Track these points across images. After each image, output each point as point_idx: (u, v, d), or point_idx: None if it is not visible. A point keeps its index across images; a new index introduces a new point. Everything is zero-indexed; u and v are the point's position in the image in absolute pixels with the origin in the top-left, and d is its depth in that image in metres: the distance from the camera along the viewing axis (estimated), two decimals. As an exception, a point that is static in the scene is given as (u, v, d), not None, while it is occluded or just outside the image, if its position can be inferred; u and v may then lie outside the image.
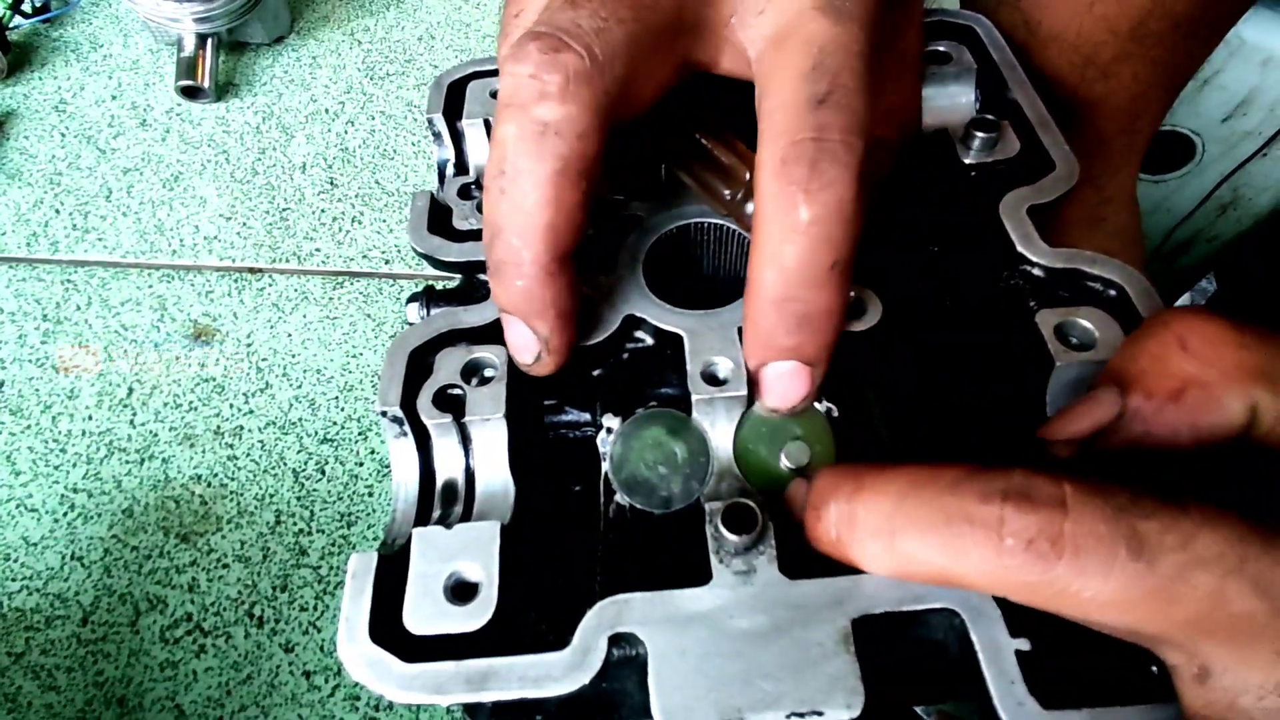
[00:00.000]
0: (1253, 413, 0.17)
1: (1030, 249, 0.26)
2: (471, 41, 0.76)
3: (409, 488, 0.24)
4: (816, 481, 0.19)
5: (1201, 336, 0.18)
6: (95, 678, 0.43)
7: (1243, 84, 0.52)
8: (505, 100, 0.20)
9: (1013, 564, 0.15)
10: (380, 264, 0.60)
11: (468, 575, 0.21)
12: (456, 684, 0.19)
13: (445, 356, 0.25)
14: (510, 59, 0.20)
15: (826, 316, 0.19)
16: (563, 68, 0.19)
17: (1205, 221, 0.62)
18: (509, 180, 0.20)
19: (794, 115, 0.19)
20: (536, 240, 0.20)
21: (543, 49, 0.19)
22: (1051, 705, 0.17)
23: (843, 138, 0.18)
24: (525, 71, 0.19)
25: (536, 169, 0.19)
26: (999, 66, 0.31)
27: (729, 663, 0.19)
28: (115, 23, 0.76)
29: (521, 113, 0.19)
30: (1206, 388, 0.17)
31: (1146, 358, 0.18)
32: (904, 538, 0.17)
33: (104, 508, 0.48)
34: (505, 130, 0.20)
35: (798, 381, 0.20)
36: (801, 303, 0.19)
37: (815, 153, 0.18)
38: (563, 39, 0.19)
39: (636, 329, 0.25)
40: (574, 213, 0.20)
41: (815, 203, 0.18)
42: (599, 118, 0.19)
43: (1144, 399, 0.18)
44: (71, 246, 0.61)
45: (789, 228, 0.18)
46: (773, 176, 0.19)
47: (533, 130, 0.19)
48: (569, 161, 0.19)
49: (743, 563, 0.20)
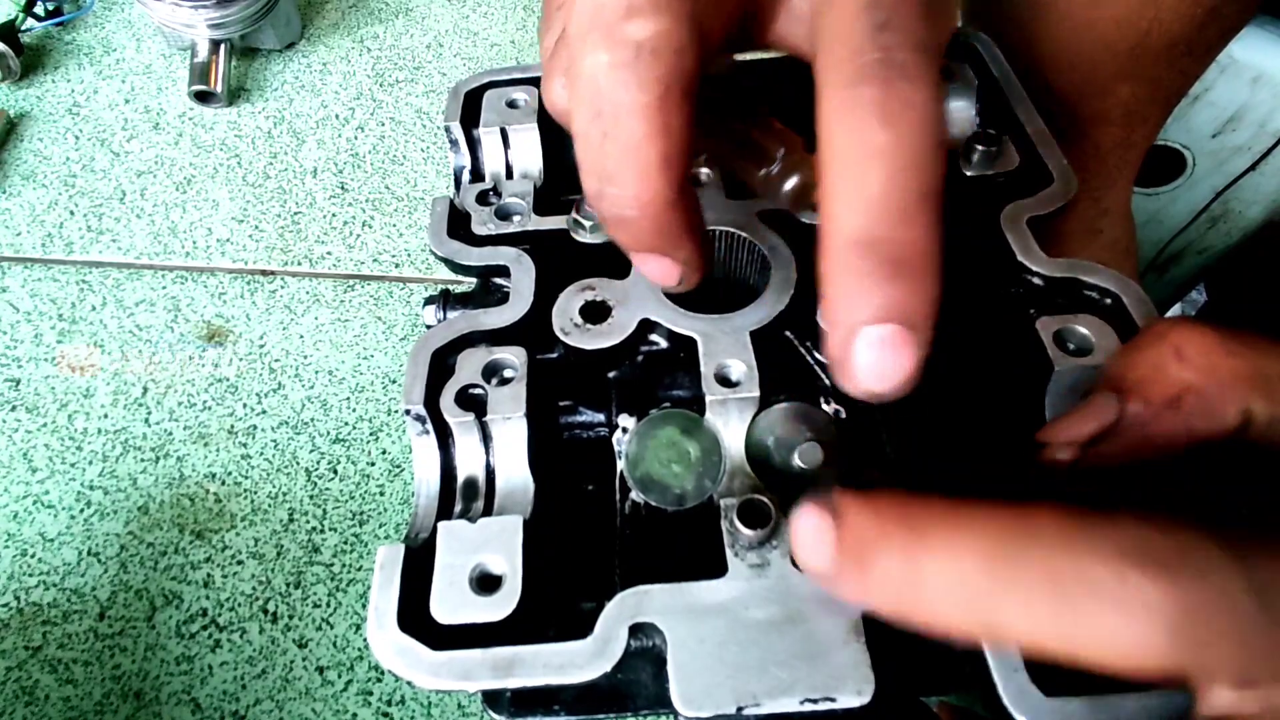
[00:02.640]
0: (1246, 417, 0.18)
1: (1030, 259, 0.27)
2: (479, 50, 0.77)
3: (431, 484, 0.25)
4: (849, 520, 0.16)
5: (1196, 346, 0.18)
6: (112, 671, 0.44)
7: (1232, 101, 0.53)
8: (585, 23, 0.17)
9: (1148, 640, 0.13)
10: (391, 267, 0.61)
11: (492, 567, 0.22)
12: (483, 671, 0.20)
13: (466, 357, 0.26)
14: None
15: (926, 259, 0.16)
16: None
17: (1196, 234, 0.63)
18: (609, 120, 0.17)
19: (857, 39, 0.16)
20: (655, 178, 0.17)
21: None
22: (1054, 693, 0.18)
23: (913, 55, 0.16)
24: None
25: (639, 99, 0.17)
26: (1000, 83, 0.33)
27: (745, 651, 0.19)
28: (128, 27, 0.77)
29: (608, 36, 0.17)
30: (1202, 394, 0.18)
31: (1145, 366, 0.19)
32: (1008, 614, 0.14)
33: (120, 505, 0.49)
34: (593, 61, 0.17)
35: (901, 351, 0.16)
36: (894, 243, 0.15)
37: (886, 70, 0.16)
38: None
39: (651, 332, 0.26)
40: (686, 134, 0.18)
41: (896, 122, 0.15)
42: (695, 29, 0.17)
43: (1142, 405, 0.19)
44: (86, 248, 0.62)
45: (868, 153, 0.15)
46: (841, 103, 0.16)
47: (626, 55, 0.16)
48: (672, 82, 0.17)
49: (757, 556, 0.21)
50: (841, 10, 0.17)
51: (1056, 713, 0.18)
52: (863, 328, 0.16)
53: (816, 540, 0.17)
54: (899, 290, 0.16)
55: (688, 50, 0.17)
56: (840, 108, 0.16)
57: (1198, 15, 0.35)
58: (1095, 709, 0.18)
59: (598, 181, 0.18)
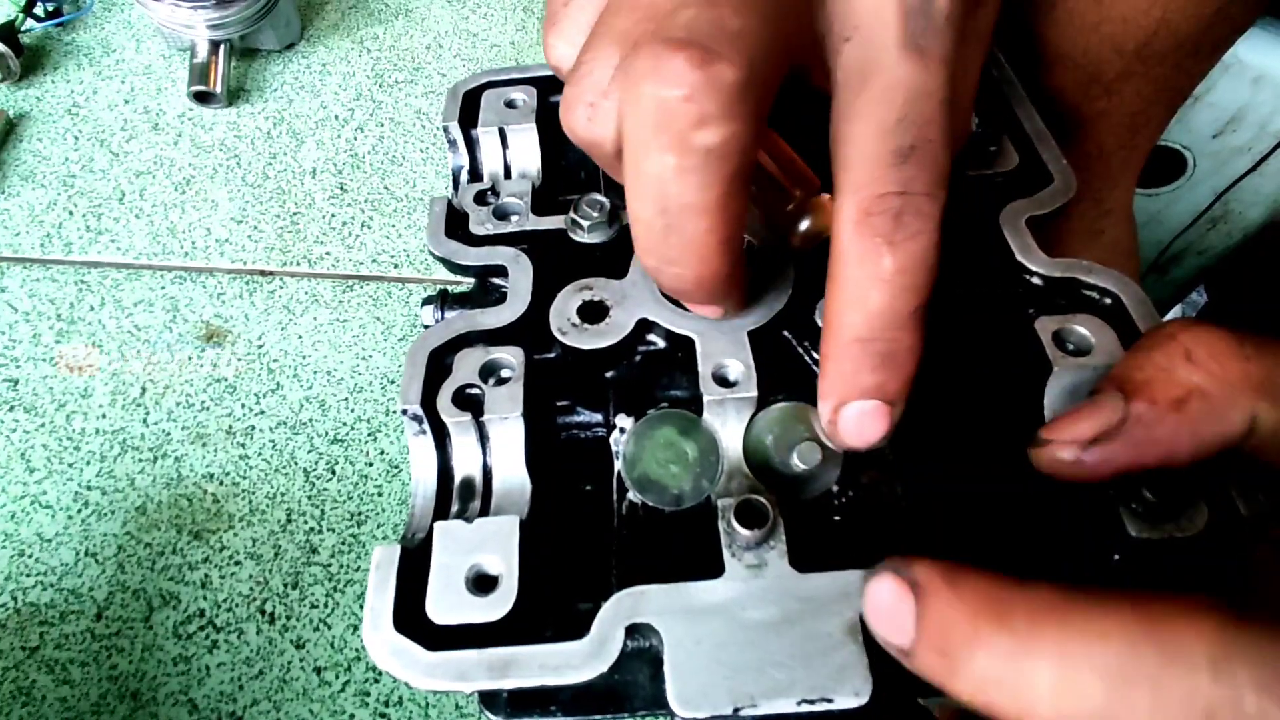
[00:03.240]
0: (1252, 424, 0.17)
1: (1029, 258, 0.27)
2: (479, 50, 0.77)
3: (427, 484, 0.25)
4: (932, 606, 0.15)
5: (1207, 348, 0.18)
6: (109, 672, 0.43)
7: (1233, 101, 0.53)
8: (653, 128, 0.17)
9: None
10: (389, 268, 0.61)
11: (488, 568, 0.22)
12: (479, 671, 0.20)
13: (464, 357, 0.26)
14: (651, 76, 0.17)
15: (909, 354, 0.19)
16: (722, 84, 0.17)
17: (1196, 235, 0.63)
18: (674, 215, 0.18)
19: (878, 169, 0.18)
20: (715, 261, 0.19)
21: (694, 61, 0.16)
22: None
23: (927, 190, 0.18)
24: (676, 94, 0.16)
25: (704, 198, 0.18)
26: (999, 83, 0.33)
27: (742, 652, 0.19)
28: (128, 28, 0.77)
29: (677, 144, 0.17)
30: (1209, 398, 0.18)
31: (1152, 367, 0.19)
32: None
33: (118, 505, 0.49)
34: (659, 163, 0.17)
35: (878, 420, 0.20)
36: (885, 343, 0.19)
37: (900, 206, 0.18)
38: (713, 48, 0.17)
39: (649, 332, 0.26)
40: (743, 217, 0.19)
41: (901, 253, 0.18)
42: (758, 127, 0.18)
43: (1147, 406, 0.18)
44: (85, 248, 0.62)
45: (873, 276, 0.18)
46: (855, 227, 0.19)
47: (695, 161, 0.17)
48: (735, 179, 0.18)
49: (754, 557, 0.21)
50: (868, 121, 0.19)
51: None
52: (851, 402, 0.20)
53: (893, 616, 0.16)
54: (882, 377, 0.19)
55: (751, 147, 0.18)
56: (854, 229, 0.19)
57: (1205, 15, 0.34)
58: None
59: (658, 262, 0.20)
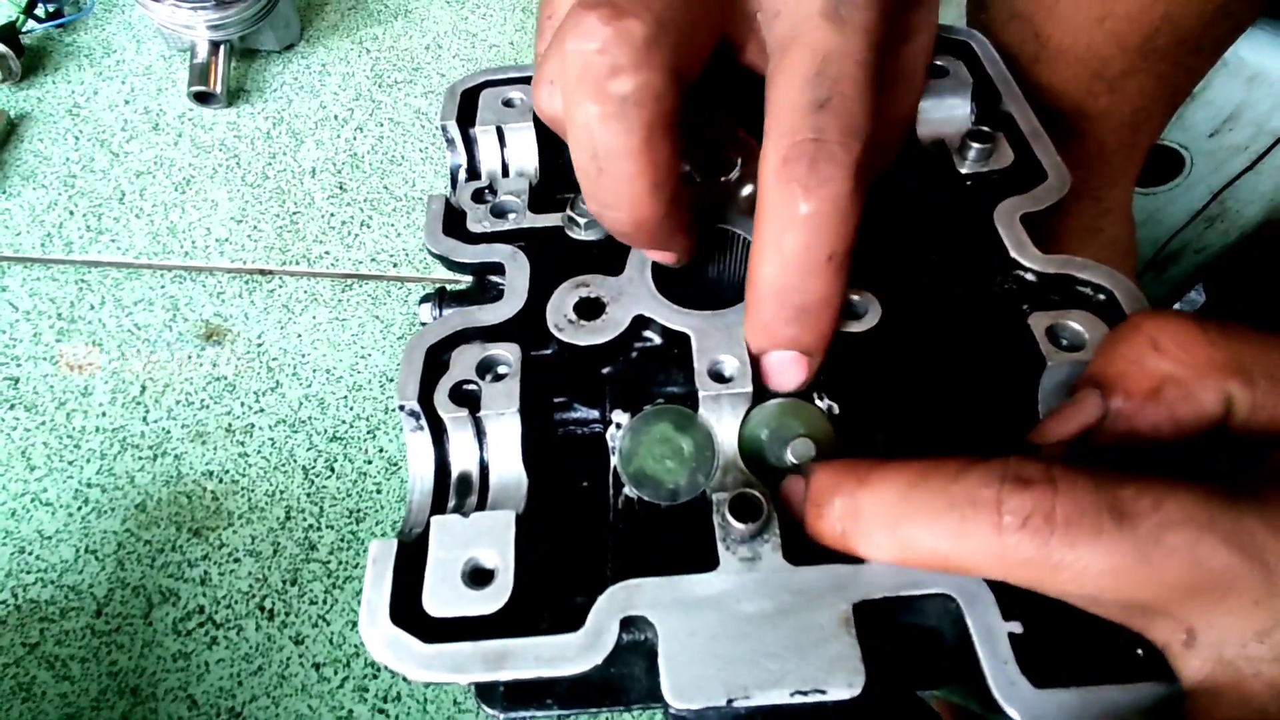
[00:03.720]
0: (1228, 404, 0.18)
1: (1023, 254, 0.27)
2: (478, 51, 0.77)
3: (425, 479, 0.25)
4: (815, 479, 0.20)
5: (1171, 337, 0.19)
6: (109, 668, 0.44)
7: (1230, 100, 0.53)
8: (576, 79, 0.19)
9: (1012, 542, 0.16)
10: (388, 267, 0.62)
11: (484, 561, 0.22)
12: (475, 663, 0.20)
13: (461, 353, 0.26)
14: (571, 34, 0.19)
15: (823, 306, 0.20)
16: (630, 36, 0.19)
17: (1194, 233, 0.63)
18: (603, 160, 0.20)
19: (796, 117, 0.20)
20: (646, 204, 0.21)
21: (604, 18, 0.19)
22: (1043, 685, 0.18)
23: (841, 139, 0.19)
24: (591, 47, 0.19)
25: (627, 143, 0.20)
26: (994, 81, 0.33)
27: (736, 644, 0.19)
28: (128, 29, 0.78)
29: (597, 90, 0.19)
30: (1182, 384, 0.18)
31: (1123, 360, 0.19)
32: (910, 526, 0.18)
33: (117, 502, 0.49)
34: (585, 112, 0.20)
35: (796, 369, 0.22)
36: (799, 292, 0.20)
37: (814, 152, 0.19)
38: (622, 5, 0.19)
39: (645, 328, 0.26)
40: (671, 162, 0.21)
41: (813, 198, 0.19)
42: (673, 76, 0.20)
43: (1125, 399, 0.19)
44: (85, 247, 0.62)
45: (788, 220, 0.19)
46: (774, 172, 0.20)
47: (613, 108, 0.19)
48: (655, 127, 0.20)
49: (748, 550, 0.21)
50: (790, 76, 0.20)
51: (1046, 704, 0.18)
52: (771, 350, 0.22)
53: (790, 493, 0.21)
54: (798, 330, 0.21)
55: (666, 95, 0.20)
56: (774, 175, 0.20)
57: (1208, 11, 0.35)
58: (1084, 699, 0.18)
59: (599, 206, 0.22)
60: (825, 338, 0.21)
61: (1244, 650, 0.16)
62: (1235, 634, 0.16)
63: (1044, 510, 0.16)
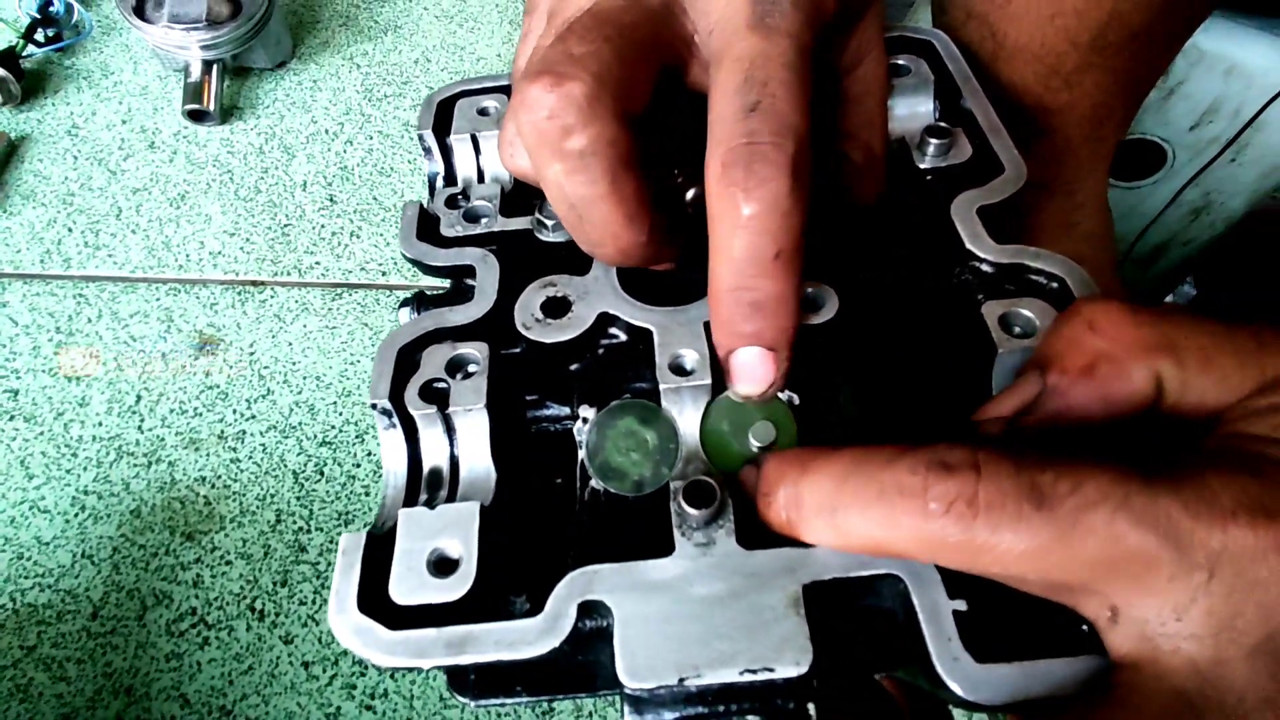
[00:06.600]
0: (1159, 384, 0.18)
1: (978, 246, 0.27)
2: (466, 64, 0.78)
3: (398, 474, 0.26)
4: (765, 468, 0.21)
5: (1106, 318, 0.19)
6: (104, 669, 0.44)
7: (1207, 93, 0.54)
8: (535, 145, 0.21)
9: (937, 527, 0.17)
10: (377, 276, 0.62)
11: (449, 551, 0.22)
12: (437, 648, 0.21)
13: (431, 353, 0.27)
14: (521, 107, 0.21)
15: (778, 302, 0.21)
16: (572, 98, 0.20)
17: (1180, 226, 0.63)
18: (580, 208, 0.22)
19: (729, 124, 0.20)
20: (626, 235, 0.23)
21: (546, 87, 0.21)
22: (985, 660, 0.19)
23: (773, 140, 0.20)
24: (542, 115, 0.21)
25: (594, 190, 0.22)
26: (955, 78, 0.33)
27: (688, 626, 0.20)
28: (125, 51, 0.79)
29: (556, 151, 0.21)
30: (1114, 362, 0.19)
31: (1062, 341, 0.20)
32: (845, 513, 0.18)
33: (113, 509, 0.50)
34: (551, 172, 0.22)
35: (763, 366, 0.22)
36: (752, 290, 0.21)
37: (749, 155, 0.20)
38: (561, 71, 0.21)
39: (610, 325, 0.27)
40: (639, 195, 0.22)
41: (753, 199, 0.20)
42: (620, 121, 0.21)
43: (1059, 375, 0.20)
44: (83, 263, 0.63)
45: (733, 223, 0.20)
46: (715, 179, 0.20)
47: (573, 163, 0.21)
48: (615, 169, 0.21)
49: (703, 535, 0.22)
50: (723, 87, 0.21)
51: (988, 678, 0.19)
52: (737, 349, 0.22)
53: (746, 482, 0.22)
54: (758, 325, 0.21)
55: (619, 138, 0.21)
56: (716, 182, 0.21)
57: (1155, 5, 0.35)
58: (1025, 673, 0.19)
59: (587, 247, 0.24)
60: (787, 332, 0.22)
61: (1163, 628, 0.16)
62: (1154, 612, 0.16)
63: (966, 496, 0.17)
